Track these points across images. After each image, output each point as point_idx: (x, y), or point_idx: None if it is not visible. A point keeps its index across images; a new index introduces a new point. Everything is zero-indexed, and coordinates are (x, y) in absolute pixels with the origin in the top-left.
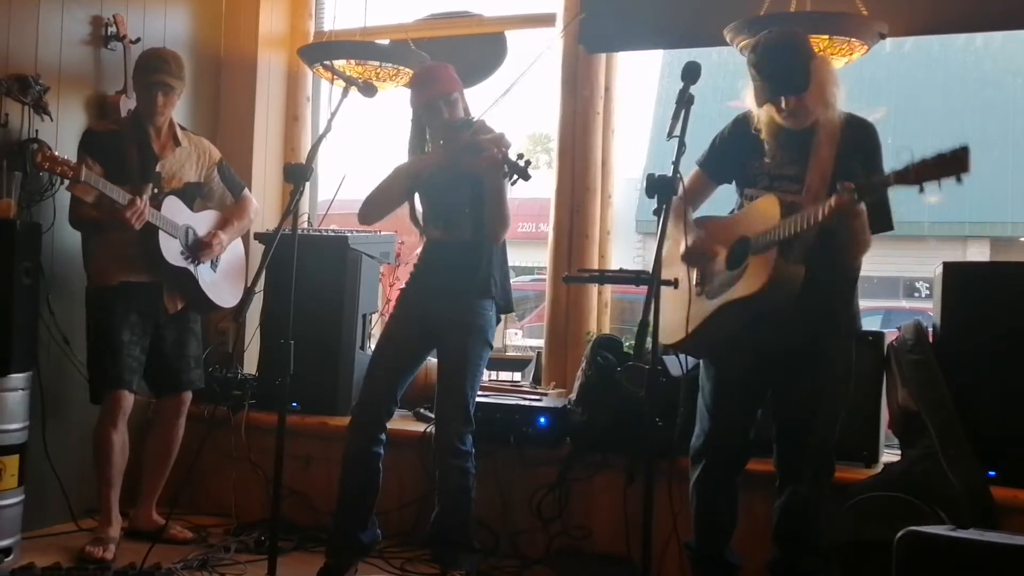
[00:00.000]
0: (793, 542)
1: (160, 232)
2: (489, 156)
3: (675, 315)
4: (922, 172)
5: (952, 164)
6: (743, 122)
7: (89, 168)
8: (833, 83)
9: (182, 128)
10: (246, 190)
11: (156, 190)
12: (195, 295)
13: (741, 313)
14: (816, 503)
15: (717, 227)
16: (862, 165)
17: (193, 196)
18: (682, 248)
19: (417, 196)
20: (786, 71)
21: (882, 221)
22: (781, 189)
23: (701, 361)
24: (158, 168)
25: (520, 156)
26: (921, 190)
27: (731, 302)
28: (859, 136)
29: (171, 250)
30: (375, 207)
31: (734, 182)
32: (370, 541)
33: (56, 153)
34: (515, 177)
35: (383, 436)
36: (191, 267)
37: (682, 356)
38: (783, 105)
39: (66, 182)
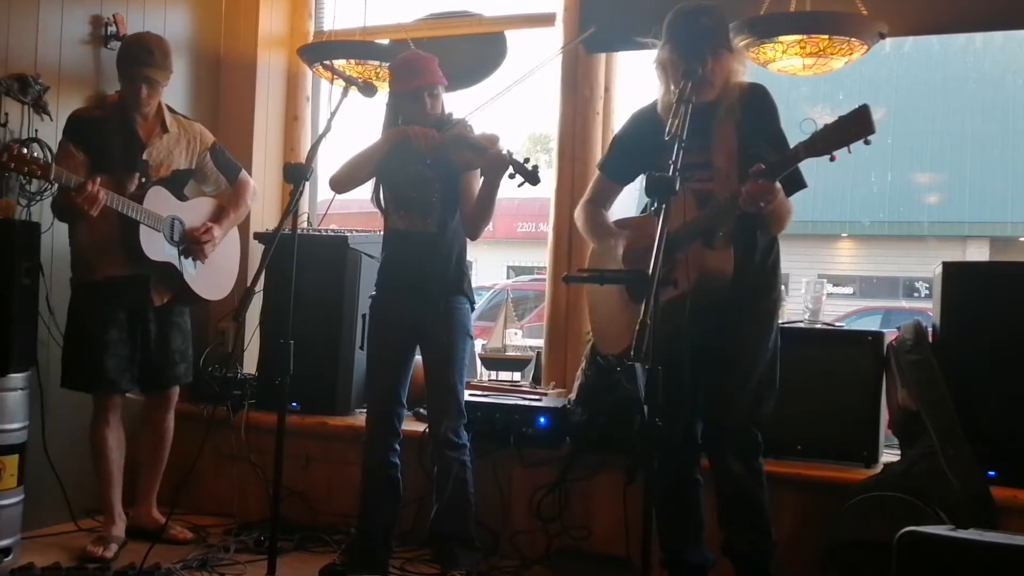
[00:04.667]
0: (735, 521)
1: (140, 226)
2: (496, 153)
3: (615, 323)
4: (828, 139)
5: (856, 125)
6: (644, 117)
7: (70, 157)
8: (739, 60)
9: (172, 112)
10: (243, 172)
11: (144, 179)
12: (179, 288)
13: (681, 310)
14: (751, 479)
15: (640, 227)
16: (762, 132)
17: (182, 183)
18: (618, 253)
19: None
20: (708, 32)
21: (795, 182)
22: (693, 179)
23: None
24: (145, 156)
25: (527, 160)
26: (832, 158)
27: (669, 300)
28: (754, 103)
29: (152, 244)
30: (351, 173)
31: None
32: (385, 561)
33: (24, 151)
34: (522, 181)
35: (397, 445)
36: (175, 261)
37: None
38: (706, 67)
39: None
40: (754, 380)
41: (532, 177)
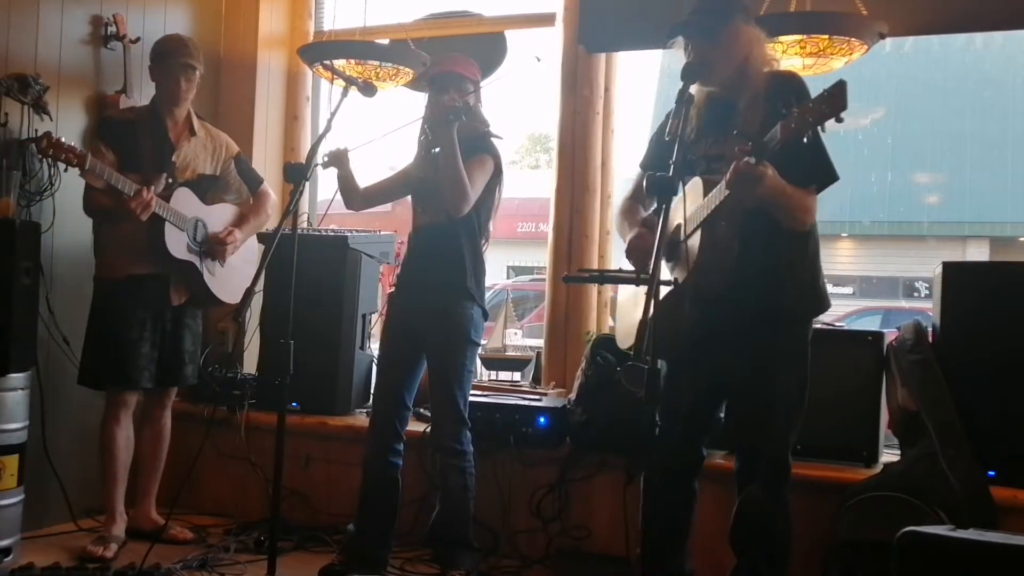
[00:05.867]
0: (749, 548)
1: (166, 224)
2: (434, 107)
3: (631, 319)
4: (803, 117)
5: (830, 102)
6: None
7: (100, 156)
8: (752, 46)
9: (200, 119)
10: (264, 184)
11: (171, 180)
12: (198, 289)
13: (681, 300)
14: (774, 507)
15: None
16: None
17: (207, 188)
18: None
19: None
20: (697, 17)
21: (823, 174)
22: (711, 171)
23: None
24: (173, 158)
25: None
26: (806, 139)
27: (670, 293)
28: (781, 92)
29: (176, 242)
30: (347, 200)
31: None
32: (384, 559)
33: (62, 140)
34: (451, 117)
35: (400, 445)
36: (196, 260)
37: None
38: (689, 55)
39: (66, 176)
40: (783, 402)
41: (456, 113)
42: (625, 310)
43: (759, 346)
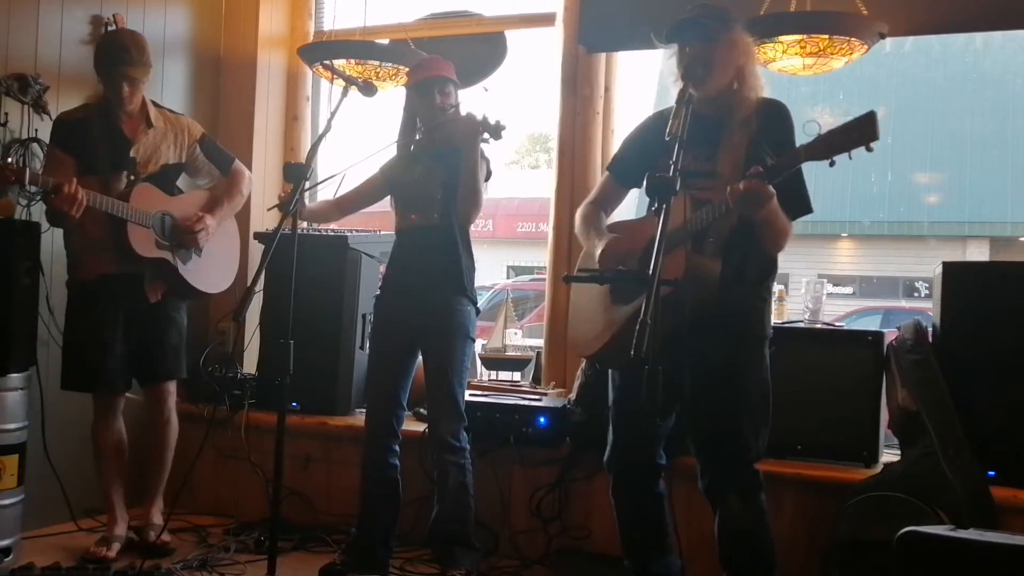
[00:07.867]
0: (738, 564)
1: (128, 224)
2: (468, 118)
3: (592, 325)
4: (831, 144)
5: (861, 131)
6: (656, 121)
7: (57, 161)
8: (748, 58)
9: (157, 106)
10: (236, 162)
11: (132, 177)
12: (175, 282)
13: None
14: (754, 519)
15: (627, 230)
16: (777, 148)
17: (172, 178)
18: (598, 253)
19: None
20: (697, 19)
21: (800, 204)
22: (695, 186)
23: (610, 371)
24: (132, 153)
25: (497, 122)
26: (832, 163)
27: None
28: (771, 119)
29: (141, 241)
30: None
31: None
32: (385, 560)
33: None
34: (487, 136)
35: (397, 446)
36: (167, 255)
37: None
38: (694, 51)
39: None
40: (750, 412)
41: (493, 130)
42: (576, 314)
43: (725, 356)
